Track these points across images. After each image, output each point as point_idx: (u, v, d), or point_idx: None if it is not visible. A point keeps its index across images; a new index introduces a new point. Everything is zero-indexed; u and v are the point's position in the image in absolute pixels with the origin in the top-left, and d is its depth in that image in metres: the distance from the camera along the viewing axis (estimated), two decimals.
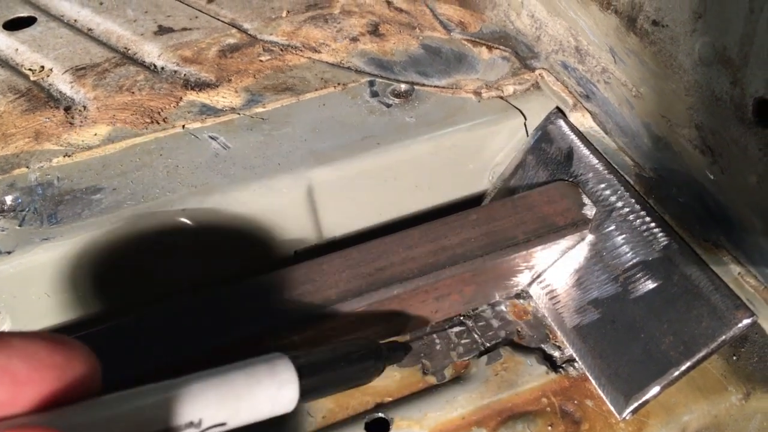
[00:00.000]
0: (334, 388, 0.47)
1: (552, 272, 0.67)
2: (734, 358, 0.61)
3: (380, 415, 0.60)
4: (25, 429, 0.27)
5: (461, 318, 0.68)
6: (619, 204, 0.65)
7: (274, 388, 0.38)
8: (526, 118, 0.74)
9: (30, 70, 0.82)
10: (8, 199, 0.65)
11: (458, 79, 0.78)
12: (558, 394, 0.62)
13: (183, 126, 0.73)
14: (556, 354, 0.65)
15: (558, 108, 0.74)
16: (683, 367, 0.56)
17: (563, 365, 0.64)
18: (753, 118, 0.52)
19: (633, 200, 0.65)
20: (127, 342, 0.57)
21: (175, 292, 0.66)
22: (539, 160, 0.72)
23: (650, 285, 0.61)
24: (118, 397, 0.32)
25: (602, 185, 0.67)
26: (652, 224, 0.63)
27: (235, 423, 0.35)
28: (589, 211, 0.65)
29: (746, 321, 0.55)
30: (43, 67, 0.82)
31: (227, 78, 0.78)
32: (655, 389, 0.57)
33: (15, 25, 0.89)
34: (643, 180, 0.66)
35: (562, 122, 0.72)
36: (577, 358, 0.63)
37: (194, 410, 0.34)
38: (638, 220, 0.64)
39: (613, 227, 0.64)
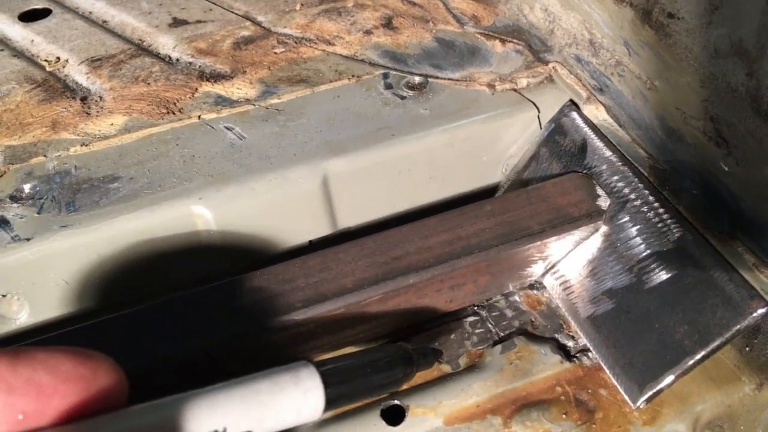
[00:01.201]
0: (361, 395, 0.47)
1: (566, 263, 0.68)
2: (747, 349, 0.62)
3: (395, 402, 0.60)
4: None
5: (475, 308, 0.69)
6: (633, 195, 0.65)
7: (299, 396, 0.38)
8: (539, 111, 0.74)
9: (46, 61, 0.82)
10: (26, 188, 0.66)
11: (472, 72, 0.78)
12: (572, 383, 0.62)
13: (199, 116, 0.73)
14: (570, 344, 0.65)
15: (571, 101, 0.74)
16: (698, 356, 0.57)
17: (577, 355, 0.64)
18: None
19: (647, 192, 0.65)
20: (138, 332, 0.57)
21: (192, 281, 0.66)
22: (553, 152, 0.72)
23: (664, 275, 0.61)
24: (143, 408, 0.33)
25: (616, 177, 0.67)
26: (666, 215, 0.63)
27: (261, 430, 0.36)
28: (603, 202, 0.65)
29: (761, 310, 0.56)
30: (58, 58, 0.82)
31: (242, 69, 0.79)
32: (669, 378, 0.57)
33: (31, 16, 0.89)
34: (656, 172, 0.67)
35: (575, 115, 0.73)
36: (591, 348, 0.64)
37: (218, 419, 0.34)
38: (652, 212, 0.64)
39: (627, 218, 0.65)
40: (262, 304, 0.58)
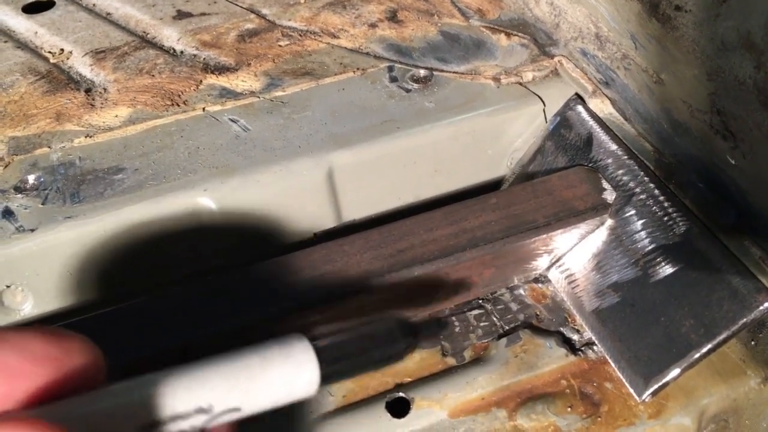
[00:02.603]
0: (358, 369, 0.44)
1: (571, 256, 0.68)
2: (753, 342, 0.62)
3: (401, 395, 0.60)
4: (13, 422, 0.26)
5: (480, 301, 0.69)
6: (639, 189, 0.65)
7: (291, 370, 0.35)
8: (545, 105, 0.74)
9: (50, 52, 0.82)
10: (31, 179, 0.66)
11: (477, 66, 0.78)
12: (577, 376, 0.62)
13: (203, 108, 0.73)
14: (575, 337, 0.65)
15: (577, 94, 0.74)
16: (704, 350, 0.57)
17: (582, 348, 0.64)
18: None
19: (653, 185, 0.65)
20: (142, 323, 0.57)
21: (196, 273, 0.66)
22: (558, 145, 0.72)
23: (670, 269, 0.61)
24: (122, 386, 0.31)
25: (622, 171, 0.67)
26: (672, 209, 0.63)
27: (251, 408, 0.34)
28: (609, 195, 0.65)
29: (767, 304, 0.56)
30: (62, 50, 0.82)
31: (246, 62, 0.79)
32: (675, 371, 0.57)
33: (34, 8, 0.89)
34: (662, 165, 0.67)
35: (581, 108, 0.73)
36: (596, 341, 0.64)
37: (203, 395, 0.32)
38: (658, 205, 0.64)
39: (633, 212, 0.65)
40: (266, 295, 0.58)
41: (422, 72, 0.77)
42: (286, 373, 0.35)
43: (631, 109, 0.70)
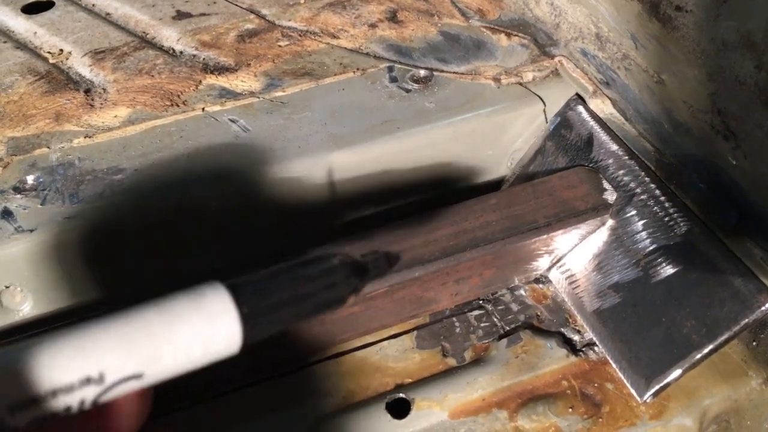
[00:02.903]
0: (293, 319, 0.33)
1: (572, 257, 0.67)
2: (754, 343, 0.62)
3: (401, 395, 0.60)
4: None
5: (480, 301, 0.68)
6: (640, 189, 0.65)
7: (203, 323, 0.29)
8: (545, 105, 0.74)
9: (49, 53, 0.82)
10: (29, 179, 0.65)
11: (477, 66, 0.78)
12: (578, 377, 0.62)
13: (203, 109, 0.73)
14: (576, 338, 0.65)
15: (577, 94, 0.74)
16: (705, 350, 0.56)
17: (583, 349, 0.64)
18: None
19: (654, 186, 0.65)
20: None
21: (194, 274, 0.66)
22: (559, 146, 0.72)
23: (671, 269, 0.61)
24: None
25: (622, 171, 0.67)
26: (673, 209, 0.63)
27: (157, 374, 0.28)
28: (610, 196, 0.65)
29: None
30: (62, 50, 0.82)
31: (246, 62, 0.79)
32: (676, 372, 0.57)
33: (33, 8, 0.89)
34: (663, 166, 0.67)
35: (581, 108, 0.72)
36: (597, 342, 0.63)
37: (91, 362, 0.26)
38: (659, 206, 0.64)
39: (633, 212, 0.65)
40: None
41: (422, 72, 0.77)
42: (198, 328, 0.29)
43: (631, 109, 0.70)
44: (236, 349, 0.30)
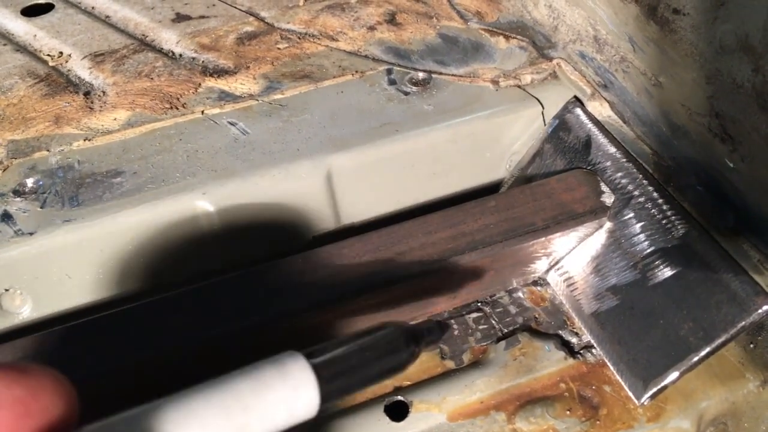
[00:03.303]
0: (362, 385, 0.39)
1: (570, 259, 0.68)
2: (751, 345, 0.62)
3: (399, 398, 0.60)
4: None
5: (479, 304, 0.69)
6: (638, 192, 0.65)
7: (289, 394, 0.32)
8: (543, 107, 0.74)
9: (49, 55, 0.82)
10: (29, 182, 0.66)
11: (476, 68, 0.78)
12: (576, 379, 0.62)
13: (202, 111, 0.73)
14: (574, 340, 0.65)
15: (576, 97, 0.74)
16: (702, 353, 0.57)
17: (581, 351, 0.64)
18: None
19: (651, 188, 0.65)
20: (131, 330, 0.56)
21: (195, 276, 0.66)
22: (557, 148, 0.72)
23: (669, 272, 0.61)
24: (99, 427, 0.28)
25: (620, 173, 0.67)
26: (671, 212, 0.63)
27: None
28: (608, 198, 0.65)
29: (766, 307, 0.56)
30: (61, 53, 0.82)
31: (245, 65, 0.79)
32: (673, 375, 0.57)
33: (33, 11, 0.89)
34: (661, 168, 0.67)
35: (579, 111, 0.73)
36: (595, 344, 0.64)
37: (199, 430, 0.29)
38: (657, 208, 0.64)
39: (631, 215, 0.65)
40: (266, 299, 0.58)
41: (421, 75, 0.77)
42: (284, 397, 0.32)
43: (629, 111, 0.70)
44: (314, 412, 0.34)
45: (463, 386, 0.61)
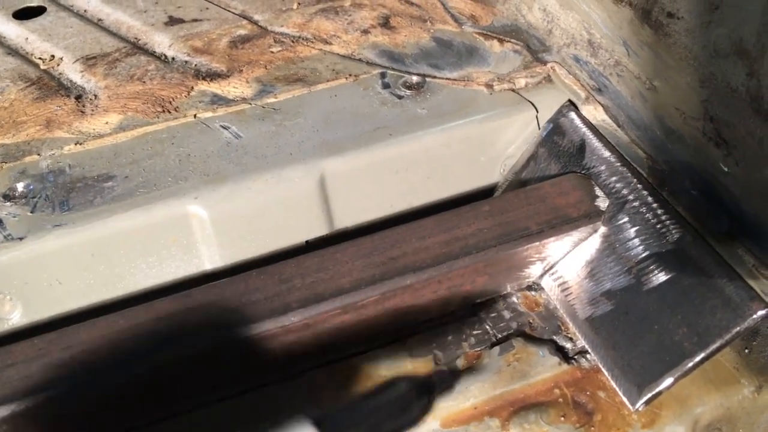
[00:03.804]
0: None
1: (564, 264, 0.67)
2: (746, 351, 0.61)
3: None
4: None
5: (473, 309, 0.68)
6: (632, 196, 0.65)
7: None
8: (537, 111, 0.74)
9: (40, 59, 0.81)
10: (19, 186, 0.65)
11: (470, 72, 0.78)
12: (570, 385, 0.61)
13: (194, 115, 0.73)
14: (568, 345, 0.65)
15: (570, 101, 0.74)
16: (697, 358, 0.56)
17: (575, 357, 0.64)
18: None
19: (646, 192, 0.65)
20: (136, 334, 0.55)
21: (187, 281, 0.66)
22: (551, 152, 0.72)
23: (663, 277, 0.61)
24: None
25: (615, 178, 0.67)
26: (665, 216, 0.63)
27: None
28: (602, 203, 0.65)
29: (761, 312, 0.55)
30: (53, 56, 0.82)
31: (238, 68, 0.78)
32: (668, 380, 0.57)
33: (25, 14, 0.89)
34: (655, 172, 0.66)
35: (574, 115, 0.72)
36: (589, 350, 0.63)
37: None
38: (651, 213, 0.64)
39: (626, 219, 0.64)
40: (258, 304, 0.58)
41: (415, 78, 0.76)
42: None
43: (624, 115, 0.70)
44: None
45: (457, 392, 0.60)
